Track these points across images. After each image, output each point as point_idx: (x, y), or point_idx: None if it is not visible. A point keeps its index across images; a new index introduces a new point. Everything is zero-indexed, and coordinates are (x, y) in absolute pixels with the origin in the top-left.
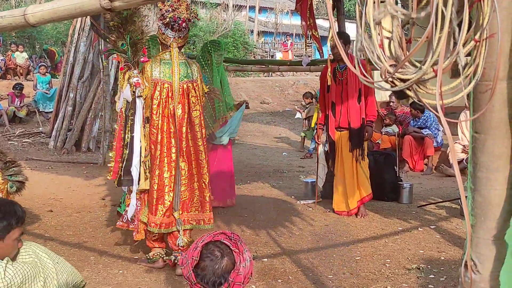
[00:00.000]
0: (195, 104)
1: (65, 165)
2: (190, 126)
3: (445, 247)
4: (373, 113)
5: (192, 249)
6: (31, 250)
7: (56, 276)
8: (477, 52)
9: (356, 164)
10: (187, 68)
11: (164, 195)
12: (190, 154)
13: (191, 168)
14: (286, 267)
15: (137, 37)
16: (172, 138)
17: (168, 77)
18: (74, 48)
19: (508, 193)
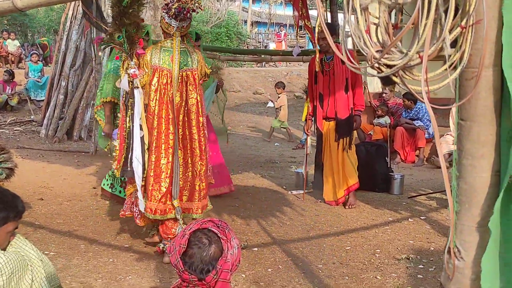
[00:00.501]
0: (192, 92)
1: (56, 153)
2: (187, 114)
3: (435, 238)
4: (361, 103)
5: (180, 236)
6: (17, 244)
7: (43, 271)
8: (463, 39)
9: (343, 154)
10: (187, 57)
11: (161, 181)
12: (186, 141)
13: (186, 156)
14: (276, 257)
15: (133, 30)
16: (170, 124)
17: (167, 65)
18: (66, 36)
19: (493, 180)
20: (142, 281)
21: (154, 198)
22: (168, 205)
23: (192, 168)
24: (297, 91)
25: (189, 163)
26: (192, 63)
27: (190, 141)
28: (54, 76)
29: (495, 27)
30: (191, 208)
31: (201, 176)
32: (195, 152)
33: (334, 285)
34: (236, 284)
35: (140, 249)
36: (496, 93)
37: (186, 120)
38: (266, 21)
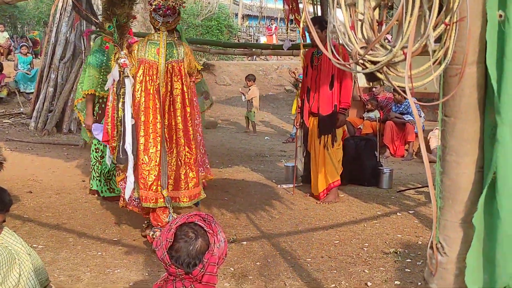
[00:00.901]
0: (177, 83)
1: (45, 146)
2: (172, 104)
3: (423, 232)
4: (347, 100)
5: (166, 231)
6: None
7: (31, 265)
8: (447, 36)
9: (324, 151)
10: (173, 49)
11: (150, 169)
12: (172, 131)
13: (171, 145)
14: (265, 250)
15: (123, 21)
16: (157, 114)
17: (153, 57)
18: (56, 28)
19: (477, 176)
20: (130, 274)
21: (144, 186)
22: (159, 193)
23: (177, 157)
24: (287, 84)
25: (174, 153)
26: (178, 55)
27: (175, 130)
28: (43, 68)
29: (479, 25)
30: (178, 197)
31: (188, 165)
32: (180, 142)
33: (322, 279)
34: (224, 277)
35: (128, 242)
36: (480, 90)
37: (172, 110)
38: (257, 15)
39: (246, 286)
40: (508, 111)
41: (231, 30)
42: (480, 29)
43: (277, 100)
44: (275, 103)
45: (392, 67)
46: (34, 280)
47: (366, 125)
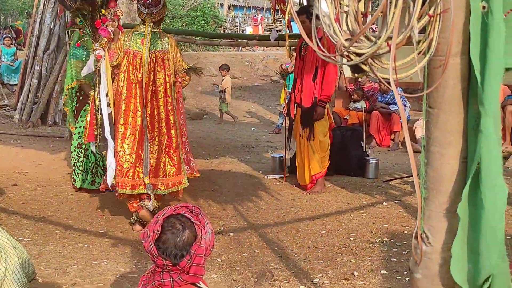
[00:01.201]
0: (160, 73)
1: (30, 138)
2: (155, 94)
3: (409, 221)
4: (327, 93)
5: (153, 222)
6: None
7: (17, 258)
8: (431, 27)
9: (306, 142)
10: (157, 39)
11: (127, 157)
12: (154, 120)
13: (153, 133)
14: (252, 241)
15: (87, 12)
16: (138, 103)
17: (138, 47)
18: (40, 19)
19: (460, 167)
20: (117, 266)
21: (120, 173)
22: (137, 180)
23: (158, 145)
24: (273, 75)
25: (156, 141)
26: (162, 46)
27: (158, 119)
28: (27, 60)
29: (462, 16)
30: (156, 184)
31: (168, 154)
32: (162, 131)
33: (309, 269)
34: (212, 268)
35: (115, 234)
36: (463, 81)
37: (155, 99)
38: (243, 5)
39: (233, 277)
40: (491, 102)
41: (216, 20)
42: (464, 20)
43: (263, 91)
44: (261, 93)
45: (376, 58)
46: (20, 273)
47: (352, 115)
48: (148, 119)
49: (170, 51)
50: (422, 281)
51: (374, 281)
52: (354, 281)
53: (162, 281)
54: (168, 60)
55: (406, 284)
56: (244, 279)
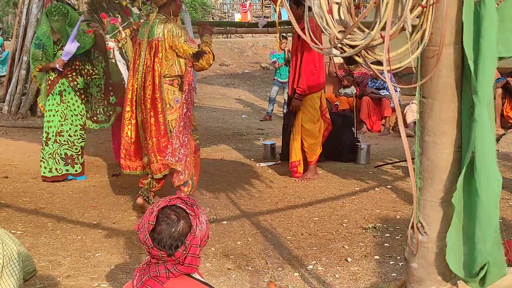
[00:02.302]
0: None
1: (20, 130)
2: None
3: (401, 206)
4: (301, 85)
5: (148, 214)
6: None
7: (17, 257)
8: (424, 18)
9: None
10: (155, 27)
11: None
12: (145, 104)
13: (145, 118)
14: (245, 229)
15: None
16: (133, 91)
17: (142, 36)
18: (27, 9)
19: (455, 156)
20: (111, 257)
21: (124, 156)
22: (138, 163)
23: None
24: (263, 62)
25: (147, 124)
26: (157, 33)
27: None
28: (15, 51)
29: (455, 6)
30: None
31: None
32: (150, 114)
33: (303, 256)
34: (206, 257)
35: (108, 225)
36: (457, 70)
37: (151, 84)
38: None
39: (227, 265)
40: (485, 91)
41: (205, 7)
42: (457, 10)
43: (253, 78)
44: (251, 80)
45: (370, 50)
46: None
47: (342, 101)
48: (142, 104)
49: (165, 39)
50: (419, 270)
51: (368, 266)
52: (348, 267)
53: (157, 272)
54: (161, 48)
55: (400, 269)
56: (238, 268)
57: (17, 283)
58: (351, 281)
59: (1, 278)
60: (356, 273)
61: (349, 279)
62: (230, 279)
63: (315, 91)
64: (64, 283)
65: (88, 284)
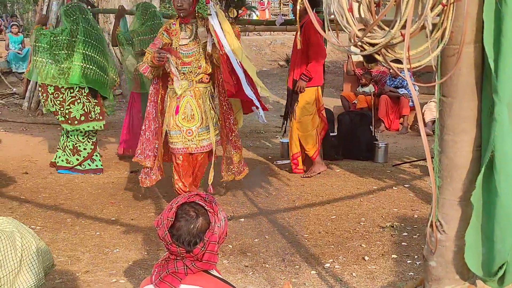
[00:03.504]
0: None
1: (39, 126)
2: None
3: (419, 205)
4: (309, 68)
5: (167, 210)
6: (13, 223)
7: (36, 252)
8: (445, 16)
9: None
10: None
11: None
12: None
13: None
14: (262, 227)
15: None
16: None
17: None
18: (47, 7)
19: (474, 155)
20: (129, 253)
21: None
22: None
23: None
24: (281, 60)
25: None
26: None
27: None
28: None
29: (476, 4)
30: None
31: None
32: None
33: (320, 254)
34: (223, 254)
35: (126, 222)
36: (477, 69)
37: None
38: None
39: (244, 263)
40: (505, 90)
41: None
42: (477, 8)
43: (271, 76)
44: (269, 78)
45: (390, 48)
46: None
47: (360, 99)
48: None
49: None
50: (437, 268)
51: (385, 265)
52: (365, 266)
53: (176, 268)
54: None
55: (417, 268)
56: (255, 265)
57: (36, 278)
58: (368, 279)
59: (20, 272)
60: (373, 272)
61: (366, 278)
62: (247, 276)
63: (314, 84)
64: (82, 278)
65: (106, 280)
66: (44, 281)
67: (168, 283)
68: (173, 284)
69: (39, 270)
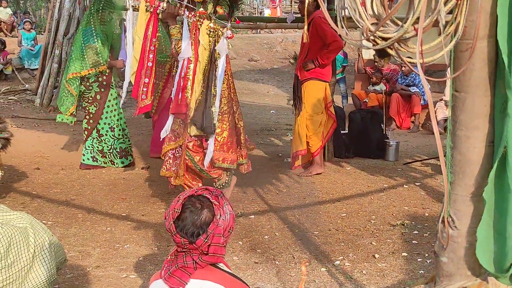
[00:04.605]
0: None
1: (51, 122)
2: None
3: (430, 204)
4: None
5: (175, 202)
6: (27, 218)
7: (48, 247)
8: (458, 10)
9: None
10: None
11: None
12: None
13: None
14: (272, 224)
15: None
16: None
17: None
18: (59, 4)
19: (487, 151)
20: (140, 249)
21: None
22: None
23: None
24: (292, 57)
25: None
26: None
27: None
28: (47, 44)
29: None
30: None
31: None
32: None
33: (330, 252)
34: (233, 251)
35: (137, 217)
36: (490, 64)
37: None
38: None
39: (254, 259)
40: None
41: None
42: (491, 3)
43: (282, 73)
44: (280, 76)
45: (403, 43)
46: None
47: (371, 97)
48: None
49: None
50: (448, 264)
51: (395, 263)
52: (375, 263)
53: (185, 263)
54: None
55: (428, 266)
56: (265, 262)
57: (48, 273)
58: (378, 277)
59: (32, 267)
60: (384, 270)
61: (376, 276)
62: (257, 273)
63: (323, 78)
64: (93, 273)
65: (116, 275)
66: (56, 276)
67: (178, 278)
68: (182, 279)
69: (51, 266)
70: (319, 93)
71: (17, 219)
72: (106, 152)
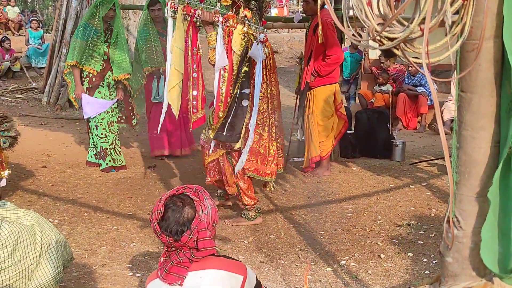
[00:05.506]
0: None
1: (58, 121)
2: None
3: (436, 204)
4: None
5: (157, 203)
6: (34, 217)
7: (55, 245)
8: (465, 11)
9: (309, 125)
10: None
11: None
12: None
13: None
14: (278, 223)
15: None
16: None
17: None
18: (67, 2)
19: (492, 151)
20: (146, 247)
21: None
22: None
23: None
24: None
25: None
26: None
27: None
28: (54, 43)
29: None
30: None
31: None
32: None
33: (336, 251)
34: (239, 250)
35: (143, 216)
36: (496, 64)
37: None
38: None
39: (260, 259)
40: None
41: None
42: (498, 3)
43: (289, 73)
44: (287, 75)
45: (409, 43)
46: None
47: (378, 98)
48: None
49: None
50: (453, 264)
51: (401, 263)
52: (380, 264)
53: (180, 259)
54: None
55: (433, 266)
56: (270, 261)
57: (54, 271)
58: (384, 277)
59: (39, 265)
60: (389, 270)
61: (381, 276)
62: (263, 272)
63: (328, 82)
64: (99, 271)
65: (122, 273)
66: (62, 274)
67: (175, 274)
68: (180, 274)
69: (58, 264)
70: (329, 97)
71: (24, 217)
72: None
